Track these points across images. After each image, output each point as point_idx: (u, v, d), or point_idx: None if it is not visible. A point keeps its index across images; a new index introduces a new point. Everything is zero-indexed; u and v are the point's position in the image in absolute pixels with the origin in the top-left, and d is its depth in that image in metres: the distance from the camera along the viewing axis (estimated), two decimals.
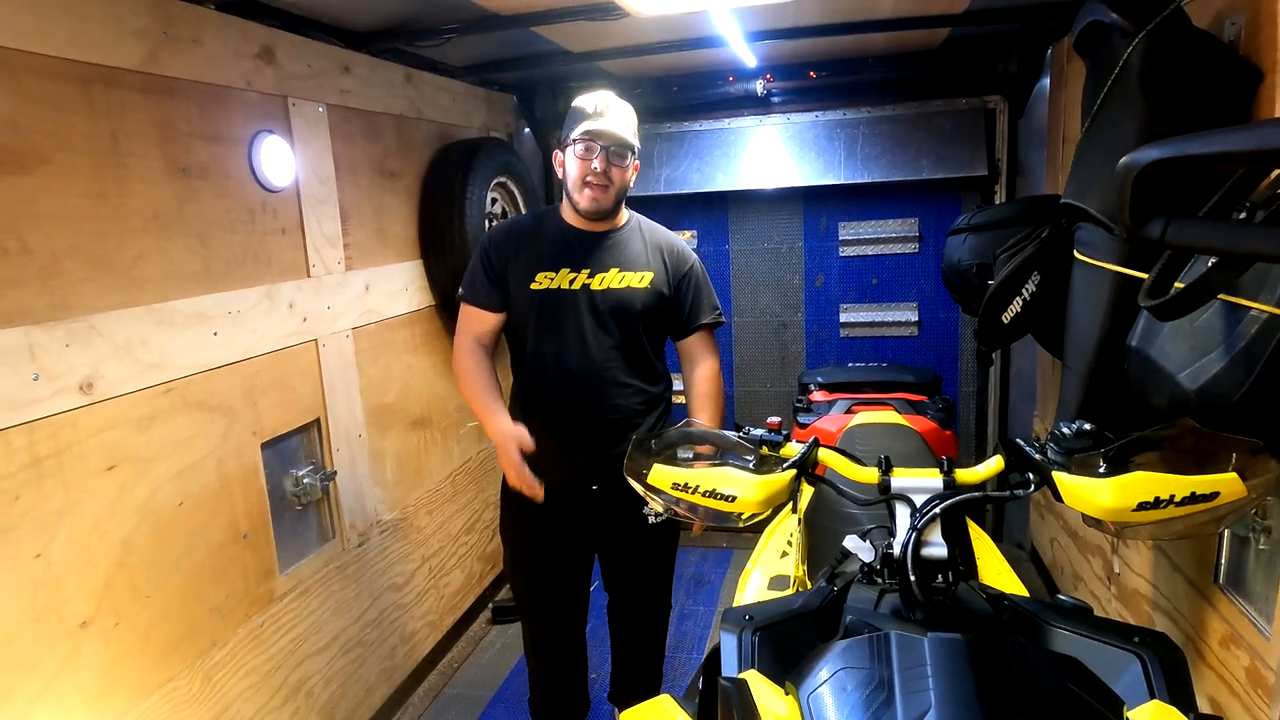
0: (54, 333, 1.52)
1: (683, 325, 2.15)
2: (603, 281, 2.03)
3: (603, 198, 1.98)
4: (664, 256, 2.10)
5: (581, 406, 2.04)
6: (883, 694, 0.88)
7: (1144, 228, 0.93)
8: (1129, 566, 2.21)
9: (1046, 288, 2.06)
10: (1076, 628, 1.08)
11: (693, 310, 2.14)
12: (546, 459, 2.05)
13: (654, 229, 2.16)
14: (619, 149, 1.97)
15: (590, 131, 1.93)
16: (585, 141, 1.94)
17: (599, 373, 2.03)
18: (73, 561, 1.55)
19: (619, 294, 2.04)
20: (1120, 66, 1.70)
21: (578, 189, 1.98)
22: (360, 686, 2.47)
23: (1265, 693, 1.48)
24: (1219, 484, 1.03)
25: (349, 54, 2.43)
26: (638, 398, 2.09)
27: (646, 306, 2.06)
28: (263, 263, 2.07)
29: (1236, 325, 1.32)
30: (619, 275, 2.04)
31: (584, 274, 2.03)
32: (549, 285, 2.02)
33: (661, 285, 2.08)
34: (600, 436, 2.04)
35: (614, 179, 1.98)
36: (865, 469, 1.29)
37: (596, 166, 1.95)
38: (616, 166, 1.98)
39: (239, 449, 1.97)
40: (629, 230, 2.11)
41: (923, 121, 3.34)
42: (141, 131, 1.72)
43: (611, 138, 1.94)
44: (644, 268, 2.07)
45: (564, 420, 2.06)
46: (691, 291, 2.13)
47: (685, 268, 2.13)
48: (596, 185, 1.96)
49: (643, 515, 2.10)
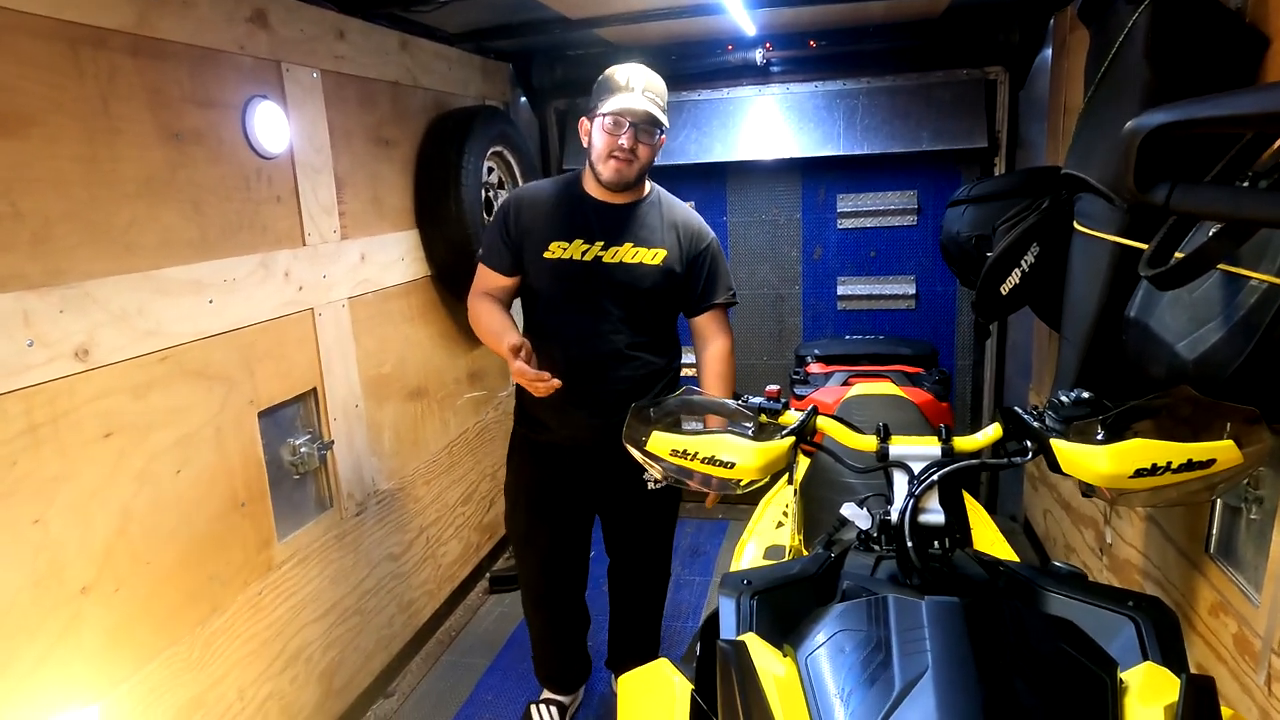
0: (48, 298, 1.50)
1: (695, 303, 2.14)
2: (615, 255, 2.03)
3: (626, 170, 1.97)
4: (679, 234, 2.09)
5: (587, 375, 2.05)
6: (880, 655, 0.89)
7: (1149, 193, 0.92)
8: (1121, 537, 2.23)
9: (1045, 259, 2.06)
10: (1071, 592, 1.09)
11: (706, 289, 2.13)
12: (553, 421, 2.10)
13: (673, 205, 2.14)
14: (648, 125, 1.95)
15: (621, 108, 1.91)
16: (614, 116, 1.92)
17: (605, 343, 2.04)
18: (72, 528, 1.56)
19: (630, 269, 2.03)
20: (1125, 34, 1.68)
21: (602, 160, 1.97)
22: (358, 654, 2.50)
23: (1252, 659, 1.51)
24: (1215, 451, 1.04)
25: (343, 18, 2.39)
26: (644, 369, 2.09)
27: (656, 283, 2.05)
28: (258, 230, 2.05)
29: (1235, 295, 1.33)
30: (632, 250, 2.04)
31: (597, 246, 2.02)
32: (561, 255, 2.02)
33: (674, 263, 2.07)
34: (605, 404, 2.04)
35: (640, 154, 1.96)
36: (864, 436, 1.30)
37: (624, 143, 1.93)
38: (644, 143, 1.96)
39: (237, 418, 1.97)
40: (648, 205, 2.09)
41: (923, 92, 3.31)
42: (132, 95, 1.70)
43: (641, 115, 1.92)
44: (658, 244, 2.06)
45: (569, 386, 2.04)
46: (706, 270, 2.12)
47: (701, 246, 2.11)
48: (622, 159, 1.95)
49: (643, 481, 2.14)
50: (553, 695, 2.48)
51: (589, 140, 2.01)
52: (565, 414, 2.09)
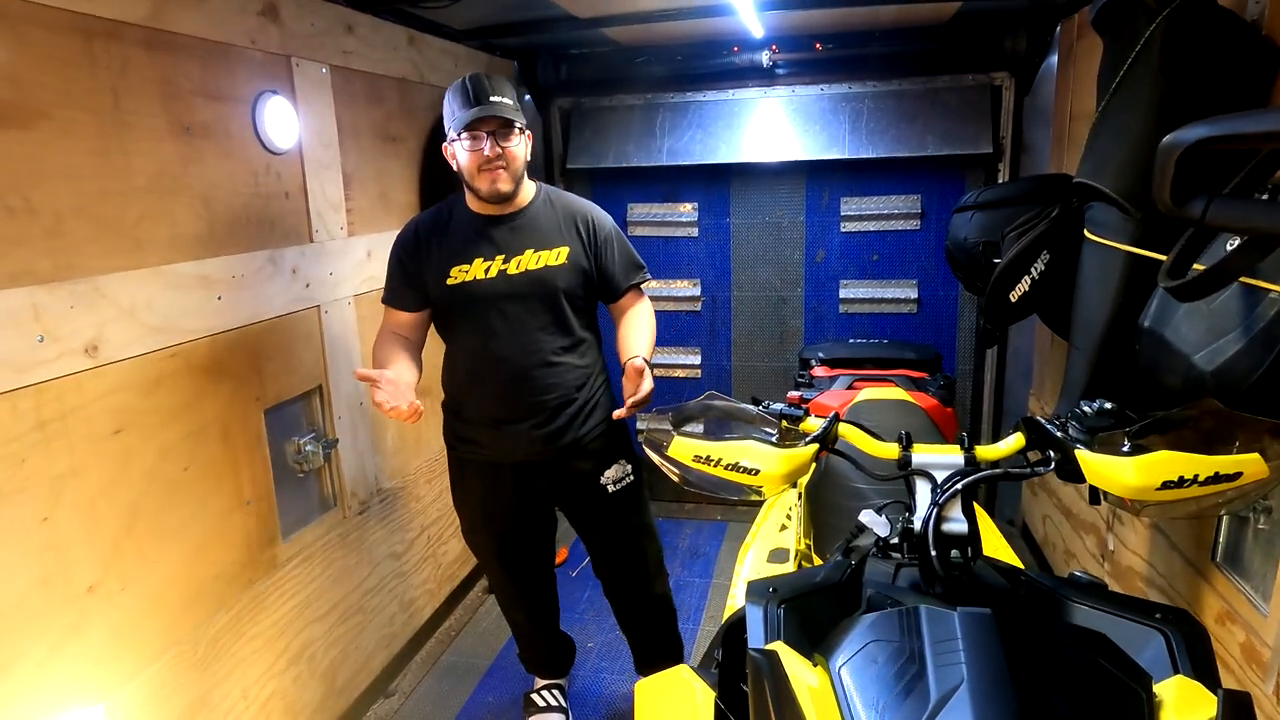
0: (58, 294, 1.48)
1: (610, 290, 2.13)
2: (519, 264, 1.99)
3: (502, 178, 1.93)
4: (578, 227, 2.07)
5: (518, 391, 2.02)
6: (914, 667, 0.88)
7: (1184, 207, 0.92)
8: (1124, 544, 2.24)
9: (1055, 267, 2.07)
10: (1095, 603, 1.09)
11: (618, 273, 2.11)
12: (484, 437, 2.09)
13: (564, 199, 2.11)
14: (503, 128, 1.91)
15: (470, 120, 1.88)
16: (467, 132, 1.89)
17: (529, 355, 2.00)
18: (80, 525, 1.54)
19: (537, 274, 2.00)
20: (1141, 45, 1.69)
21: (474, 177, 1.94)
22: (360, 653, 2.48)
23: (1260, 668, 1.52)
24: (1242, 464, 1.05)
25: (352, 13, 2.37)
26: (572, 374, 2.07)
27: (569, 282, 2.03)
28: (266, 226, 2.04)
29: (1255, 307, 1.33)
30: (534, 255, 2.00)
31: (499, 260, 1.99)
32: (464, 278, 1.99)
33: (579, 258, 2.05)
34: (541, 416, 2.03)
35: (509, 157, 1.93)
36: (886, 444, 1.30)
37: (488, 152, 1.90)
38: (507, 146, 1.93)
39: (243, 415, 1.95)
40: (537, 207, 2.06)
41: (928, 97, 3.32)
42: (144, 88, 1.68)
43: (494, 121, 1.89)
44: (559, 243, 2.03)
45: (502, 406, 2.05)
46: (612, 255, 2.10)
47: (603, 234, 2.09)
48: (492, 169, 1.92)
49: (601, 486, 2.14)
50: (547, 681, 2.52)
51: (456, 164, 1.98)
52: (502, 431, 2.06)
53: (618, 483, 2.19)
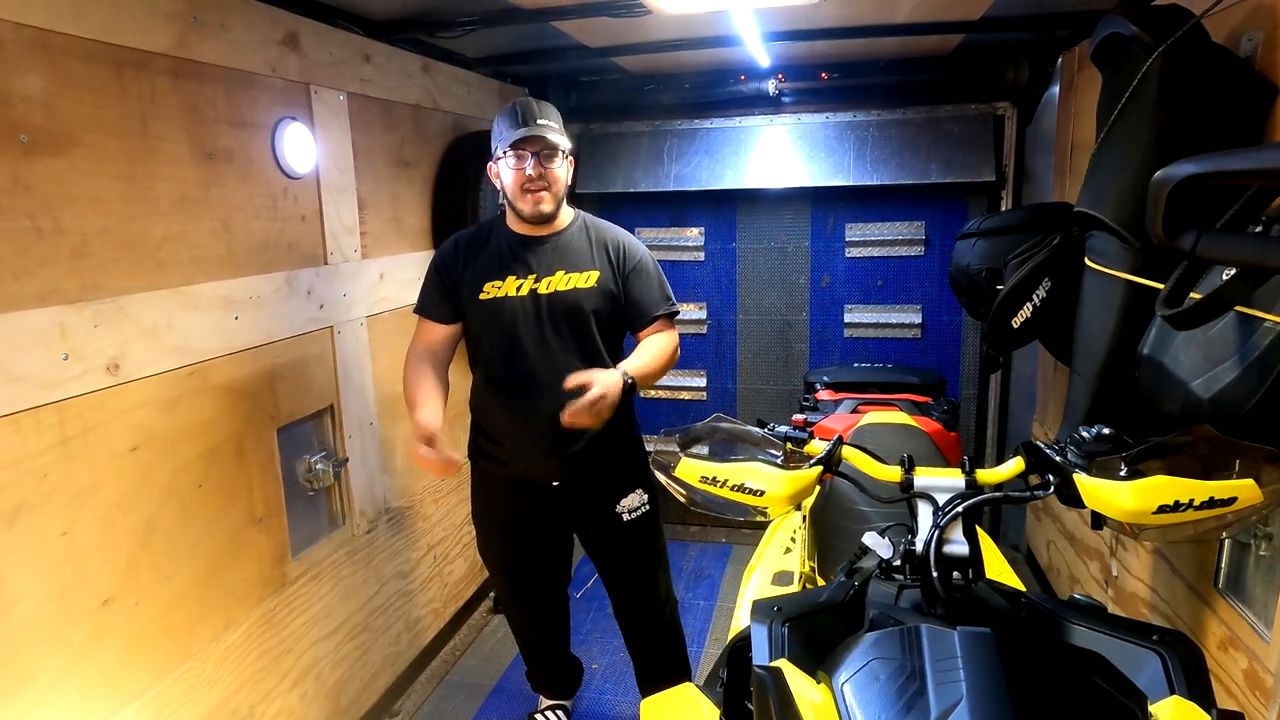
0: (84, 313, 1.53)
1: (638, 318, 2.15)
2: (550, 285, 2.05)
3: (544, 200, 2.00)
4: (609, 253, 2.11)
5: (538, 409, 2.04)
6: (915, 684, 0.91)
7: (1176, 239, 0.96)
8: (1127, 570, 2.25)
9: (1057, 294, 2.10)
10: (1094, 625, 1.11)
11: (646, 303, 2.14)
12: (512, 458, 2.13)
13: (600, 227, 2.17)
14: (549, 150, 1.98)
15: (518, 140, 1.95)
16: (514, 150, 1.96)
17: (553, 375, 2.01)
18: (97, 540, 1.57)
19: (566, 296, 2.05)
20: (1139, 79, 1.73)
21: (517, 196, 2.01)
22: (366, 671, 2.49)
23: (1263, 695, 1.52)
24: (1237, 489, 1.07)
25: (369, 42, 2.44)
26: None
27: (596, 306, 2.07)
28: (283, 249, 2.09)
29: (1250, 336, 1.36)
30: (565, 277, 2.06)
31: (530, 279, 2.04)
32: (496, 294, 2.04)
33: (609, 283, 2.09)
34: (559, 437, 2.03)
35: (551, 180, 2.00)
36: (888, 467, 1.32)
37: (531, 172, 1.97)
38: (551, 168, 2.00)
39: (258, 433, 1.99)
40: (573, 231, 2.12)
41: (932, 126, 3.38)
42: (170, 115, 1.73)
43: (539, 142, 1.96)
44: (589, 267, 2.08)
45: (522, 423, 2.08)
46: (641, 284, 2.13)
47: (634, 262, 2.13)
48: (535, 189, 1.99)
49: (616, 514, 2.16)
50: (552, 701, 2.53)
51: (500, 183, 2.05)
52: (522, 451, 2.11)
53: (634, 511, 2.21)
